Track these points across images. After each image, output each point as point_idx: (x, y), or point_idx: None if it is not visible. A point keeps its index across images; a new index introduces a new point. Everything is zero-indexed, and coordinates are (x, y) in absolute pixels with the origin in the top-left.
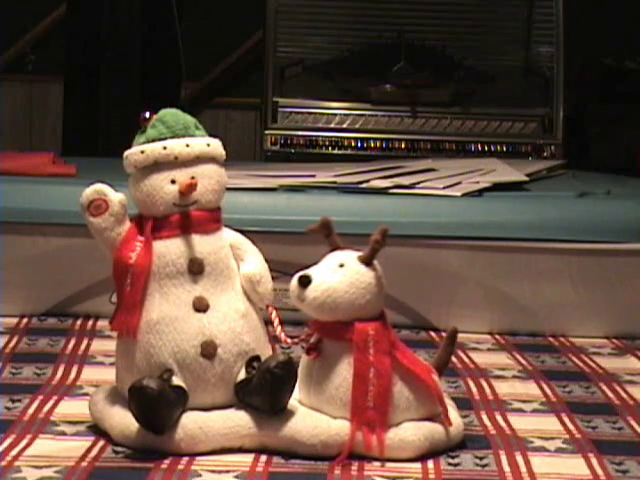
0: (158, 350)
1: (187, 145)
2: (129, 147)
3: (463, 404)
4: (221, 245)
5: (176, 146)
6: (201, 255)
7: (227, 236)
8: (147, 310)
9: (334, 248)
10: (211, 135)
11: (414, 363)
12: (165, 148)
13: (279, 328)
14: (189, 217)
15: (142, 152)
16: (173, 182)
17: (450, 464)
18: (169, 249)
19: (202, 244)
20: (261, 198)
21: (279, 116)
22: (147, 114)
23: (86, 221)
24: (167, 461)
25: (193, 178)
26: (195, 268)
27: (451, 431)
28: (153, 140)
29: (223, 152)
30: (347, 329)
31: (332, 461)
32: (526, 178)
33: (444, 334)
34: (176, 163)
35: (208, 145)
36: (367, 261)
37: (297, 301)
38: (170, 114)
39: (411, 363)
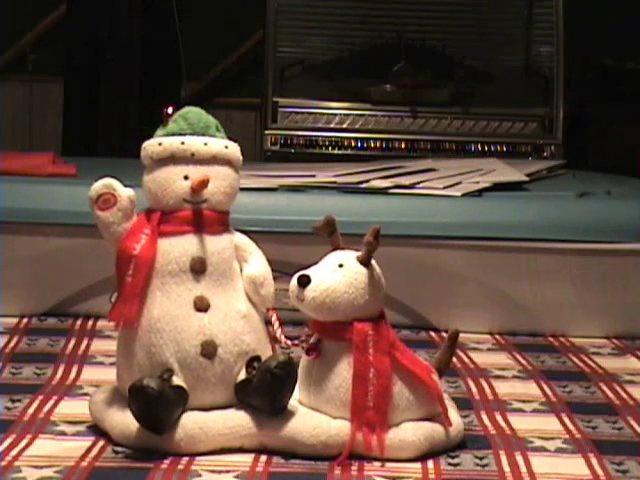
0: (159, 349)
1: (205, 144)
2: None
3: (463, 404)
4: (225, 246)
5: (194, 143)
6: (204, 254)
7: (232, 237)
8: (148, 308)
9: (335, 248)
10: (230, 139)
11: (414, 363)
12: (183, 143)
13: (279, 331)
14: (197, 215)
15: (160, 144)
16: (186, 178)
17: (450, 464)
18: (173, 247)
19: (206, 244)
20: (261, 198)
21: (279, 116)
22: (170, 109)
23: (93, 215)
24: (167, 461)
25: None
26: (197, 267)
27: (451, 431)
28: (173, 134)
29: (240, 157)
30: (346, 329)
31: (332, 461)
32: (526, 178)
33: (444, 334)
34: (192, 160)
35: (226, 147)
36: (364, 262)
37: (296, 301)
38: (193, 112)
39: (411, 363)
